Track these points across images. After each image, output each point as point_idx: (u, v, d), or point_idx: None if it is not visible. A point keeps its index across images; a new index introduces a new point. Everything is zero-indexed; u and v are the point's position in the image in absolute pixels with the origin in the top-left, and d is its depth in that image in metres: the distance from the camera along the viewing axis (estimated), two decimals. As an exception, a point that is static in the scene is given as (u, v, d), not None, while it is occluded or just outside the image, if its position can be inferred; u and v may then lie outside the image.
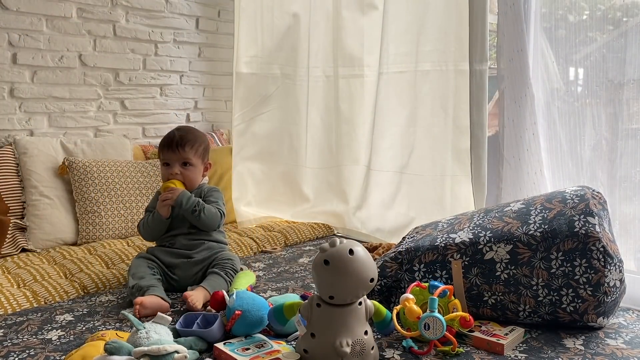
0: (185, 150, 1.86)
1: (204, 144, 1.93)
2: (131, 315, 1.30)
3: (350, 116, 2.64)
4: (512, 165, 2.06)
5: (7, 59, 2.41)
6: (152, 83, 2.89)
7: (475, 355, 1.36)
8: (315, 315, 1.27)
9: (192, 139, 1.88)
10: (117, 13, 2.71)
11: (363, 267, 1.23)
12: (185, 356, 1.21)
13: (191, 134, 1.91)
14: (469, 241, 1.55)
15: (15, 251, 2.18)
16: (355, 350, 1.24)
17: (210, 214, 1.85)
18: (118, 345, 1.19)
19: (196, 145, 1.89)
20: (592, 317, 1.45)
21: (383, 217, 2.54)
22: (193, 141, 1.88)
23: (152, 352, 1.18)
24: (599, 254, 1.41)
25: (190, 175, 1.88)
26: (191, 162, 1.88)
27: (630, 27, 1.79)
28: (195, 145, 1.89)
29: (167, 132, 1.94)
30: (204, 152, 1.92)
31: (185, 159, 1.87)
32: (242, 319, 1.41)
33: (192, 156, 1.88)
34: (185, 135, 1.88)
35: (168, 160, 1.88)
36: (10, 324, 1.53)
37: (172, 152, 1.86)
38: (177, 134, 1.88)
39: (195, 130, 1.95)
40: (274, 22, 2.77)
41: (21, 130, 2.48)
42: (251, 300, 1.45)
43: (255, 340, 1.38)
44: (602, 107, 1.88)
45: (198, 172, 1.91)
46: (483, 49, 2.08)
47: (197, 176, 1.91)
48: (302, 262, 2.18)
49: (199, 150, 1.90)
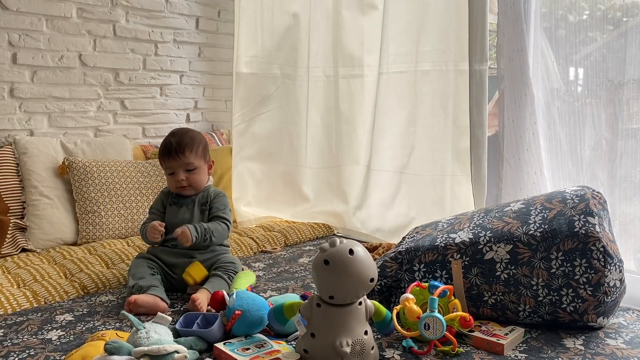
0: (185, 155, 1.83)
1: (202, 143, 1.91)
2: (131, 316, 1.30)
3: (350, 116, 2.64)
4: (512, 165, 2.06)
5: (7, 59, 2.41)
6: (152, 83, 2.89)
7: (475, 355, 1.36)
8: (315, 315, 1.27)
9: (189, 142, 1.85)
10: (117, 13, 2.71)
11: (363, 267, 1.23)
12: (185, 356, 1.21)
13: (187, 136, 1.87)
14: (469, 241, 1.55)
15: (15, 251, 2.18)
16: (355, 350, 1.24)
17: (219, 233, 1.83)
18: (118, 345, 1.19)
19: (195, 147, 1.86)
20: (592, 317, 1.45)
21: (383, 217, 2.54)
22: (191, 144, 1.85)
23: (152, 352, 1.18)
24: (599, 254, 1.41)
25: (196, 178, 1.87)
26: (194, 165, 1.85)
27: (630, 27, 1.79)
28: (195, 148, 1.86)
29: (163, 139, 1.90)
30: (204, 152, 1.90)
31: (187, 164, 1.84)
32: (242, 319, 1.41)
33: (193, 159, 1.85)
34: (181, 140, 1.85)
35: (171, 168, 1.85)
36: (10, 324, 1.53)
37: (173, 159, 1.84)
38: (173, 141, 1.84)
39: (189, 132, 1.92)
40: (274, 22, 2.77)
41: (21, 130, 2.48)
42: (251, 300, 1.45)
43: (255, 340, 1.38)
44: (602, 107, 1.88)
45: (203, 174, 1.90)
46: (483, 49, 2.08)
47: (202, 178, 1.89)
48: (302, 262, 2.18)
49: (199, 151, 1.88)
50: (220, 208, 1.89)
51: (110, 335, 1.34)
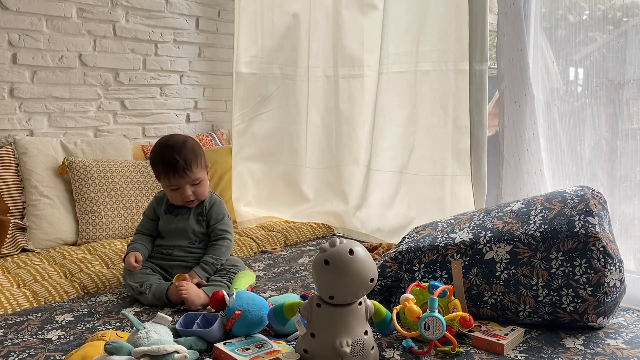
0: (193, 171, 1.78)
1: (201, 151, 1.85)
2: (131, 315, 1.30)
3: (350, 116, 2.64)
4: (512, 165, 2.06)
5: (7, 59, 2.41)
6: (152, 83, 2.89)
7: (475, 355, 1.36)
8: (315, 315, 1.27)
9: (193, 157, 1.79)
10: (117, 13, 2.71)
11: (363, 267, 1.23)
12: (185, 356, 1.21)
13: (188, 150, 1.79)
14: (469, 241, 1.55)
15: (15, 251, 2.18)
16: (355, 350, 1.24)
17: (223, 254, 1.83)
18: (118, 345, 1.19)
19: (198, 160, 1.81)
20: (592, 317, 1.45)
21: (383, 217, 2.54)
22: (195, 157, 1.80)
23: (152, 352, 1.18)
24: (599, 254, 1.41)
25: (202, 190, 1.84)
26: (200, 179, 1.82)
27: (630, 27, 1.79)
28: (198, 160, 1.81)
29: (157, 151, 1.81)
30: (205, 161, 1.86)
31: (194, 179, 1.80)
32: (242, 319, 1.41)
33: (199, 173, 1.81)
34: (186, 156, 1.77)
35: (177, 185, 1.79)
36: (10, 324, 1.53)
37: (180, 177, 1.77)
38: (178, 157, 1.76)
39: (187, 142, 1.83)
40: (274, 22, 2.77)
41: (21, 130, 2.48)
42: (251, 301, 1.45)
43: (255, 340, 1.38)
44: (602, 107, 1.88)
45: (206, 183, 1.87)
46: (483, 49, 2.08)
47: (206, 187, 1.87)
48: (302, 262, 2.18)
49: (202, 163, 1.83)
50: (219, 219, 1.86)
51: (110, 335, 1.34)
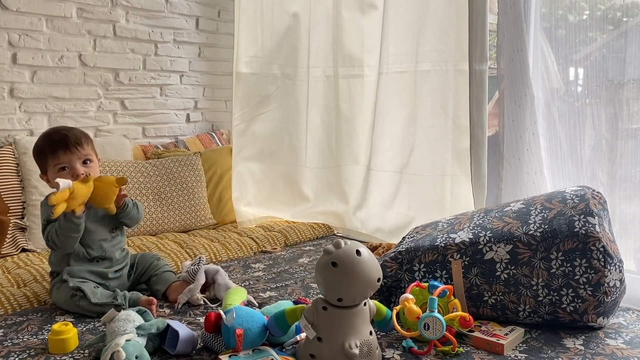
0: (83, 147, 1.68)
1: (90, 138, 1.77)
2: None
3: (350, 116, 2.64)
4: (512, 165, 2.06)
5: (7, 59, 2.41)
6: (152, 83, 2.89)
7: (475, 355, 1.36)
8: (322, 319, 1.25)
9: (82, 136, 1.71)
10: (117, 13, 2.71)
11: (370, 267, 1.22)
12: (119, 350, 1.21)
13: (76, 130, 1.72)
14: (469, 241, 1.55)
15: (15, 251, 2.18)
16: (363, 352, 1.23)
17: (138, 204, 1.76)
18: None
19: (88, 140, 1.72)
20: (592, 317, 1.45)
21: (383, 217, 2.54)
22: (85, 137, 1.71)
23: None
24: (599, 254, 1.41)
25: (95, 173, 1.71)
26: (91, 158, 1.71)
27: (630, 27, 1.79)
28: (88, 140, 1.72)
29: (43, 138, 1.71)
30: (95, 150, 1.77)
31: (86, 155, 1.69)
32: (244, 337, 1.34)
33: (90, 151, 1.71)
34: (76, 133, 1.70)
35: (66, 163, 1.66)
36: (10, 324, 1.53)
37: (70, 153, 1.65)
38: (67, 134, 1.67)
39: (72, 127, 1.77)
40: (274, 22, 2.77)
41: (21, 130, 2.48)
42: (250, 317, 1.38)
43: (262, 355, 1.32)
44: (602, 107, 1.88)
45: (97, 168, 1.74)
46: (483, 49, 2.08)
47: (97, 173, 1.73)
48: (302, 262, 2.18)
49: (92, 145, 1.74)
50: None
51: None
